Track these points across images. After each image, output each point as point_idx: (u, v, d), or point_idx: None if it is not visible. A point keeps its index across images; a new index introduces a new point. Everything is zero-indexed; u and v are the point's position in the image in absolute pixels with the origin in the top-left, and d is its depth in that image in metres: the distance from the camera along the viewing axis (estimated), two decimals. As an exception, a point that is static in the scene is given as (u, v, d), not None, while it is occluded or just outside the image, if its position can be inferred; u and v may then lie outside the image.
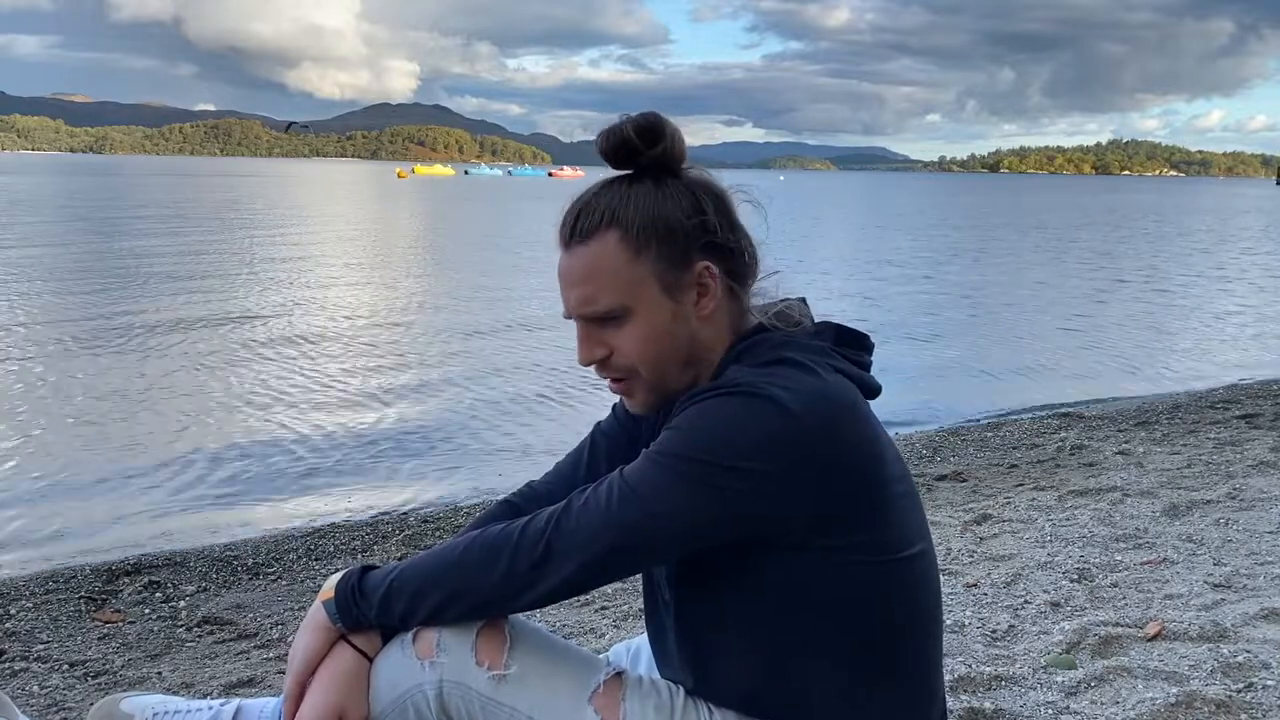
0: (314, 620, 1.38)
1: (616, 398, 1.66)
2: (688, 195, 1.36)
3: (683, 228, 1.34)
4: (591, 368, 1.41)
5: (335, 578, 1.39)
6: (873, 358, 1.44)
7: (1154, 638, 2.69)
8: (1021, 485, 4.98)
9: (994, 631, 2.83)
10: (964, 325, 12.55)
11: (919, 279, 17.85)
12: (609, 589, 3.43)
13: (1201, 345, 11.36)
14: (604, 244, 1.34)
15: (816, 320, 1.43)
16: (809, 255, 21.03)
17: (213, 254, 19.04)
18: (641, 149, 1.34)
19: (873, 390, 1.38)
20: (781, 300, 1.42)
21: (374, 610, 1.34)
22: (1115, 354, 10.60)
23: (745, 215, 1.42)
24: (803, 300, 1.43)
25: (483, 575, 1.30)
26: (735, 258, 1.38)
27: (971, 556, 3.60)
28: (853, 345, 1.41)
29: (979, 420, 7.23)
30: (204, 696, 2.52)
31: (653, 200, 1.34)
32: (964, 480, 5.27)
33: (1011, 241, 29.48)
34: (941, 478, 5.34)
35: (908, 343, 10.87)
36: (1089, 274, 19.46)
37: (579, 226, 1.36)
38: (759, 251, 1.42)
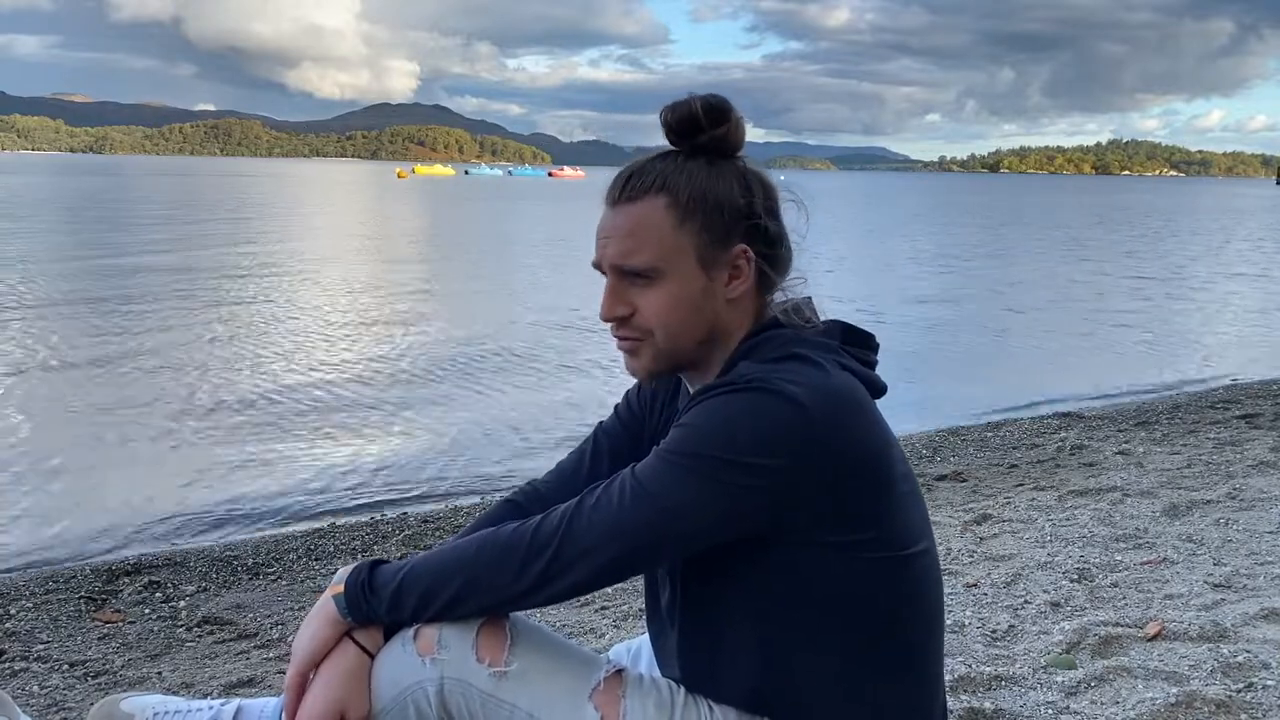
0: (323, 613, 1.38)
1: (619, 398, 1.66)
2: (739, 179, 1.38)
3: (729, 208, 1.37)
4: (609, 327, 1.43)
5: (345, 571, 1.39)
6: (878, 357, 1.45)
7: (1154, 638, 2.69)
8: (1021, 485, 4.98)
9: (994, 631, 2.83)
10: (1006, 322, 12.71)
11: (951, 278, 18.06)
12: (608, 589, 3.43)
13: (1238, 342, 11.48)
14: (651, 206, 1.36)
15: (822, 319, 1.44)
16: (832, 254, 21.18)
17: (215, 255, 19.05)
18: (705, 126, 1.37)
19: (879, 389, 1.39)
20: (789, 299, 1.43)
21: (384, 606, 1.35)
22: (1150, 352, 10.74)
23: (788, 215, 1.45)
24: (809, 299, 1.44)
25: (496, 574, 1.30)
26: (773, 248, 1.40)
27: (971, 556, 3.60)
28: (859, 344, 1.42)
29: (979, 420, 7.23)
30: (204, 696, 2.52)
31: (705, 176, 1.37)
32: (964, 480, 5.27)
33: (1032, 240, 29.64)
34: (941, 478, 5.34)
35: (931, 340, 10.89)
36: (1121, 272, 19.73)
37: (630, 186, 1.38)
38: (795, 251, 1.44)
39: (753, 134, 1.44)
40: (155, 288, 13.87)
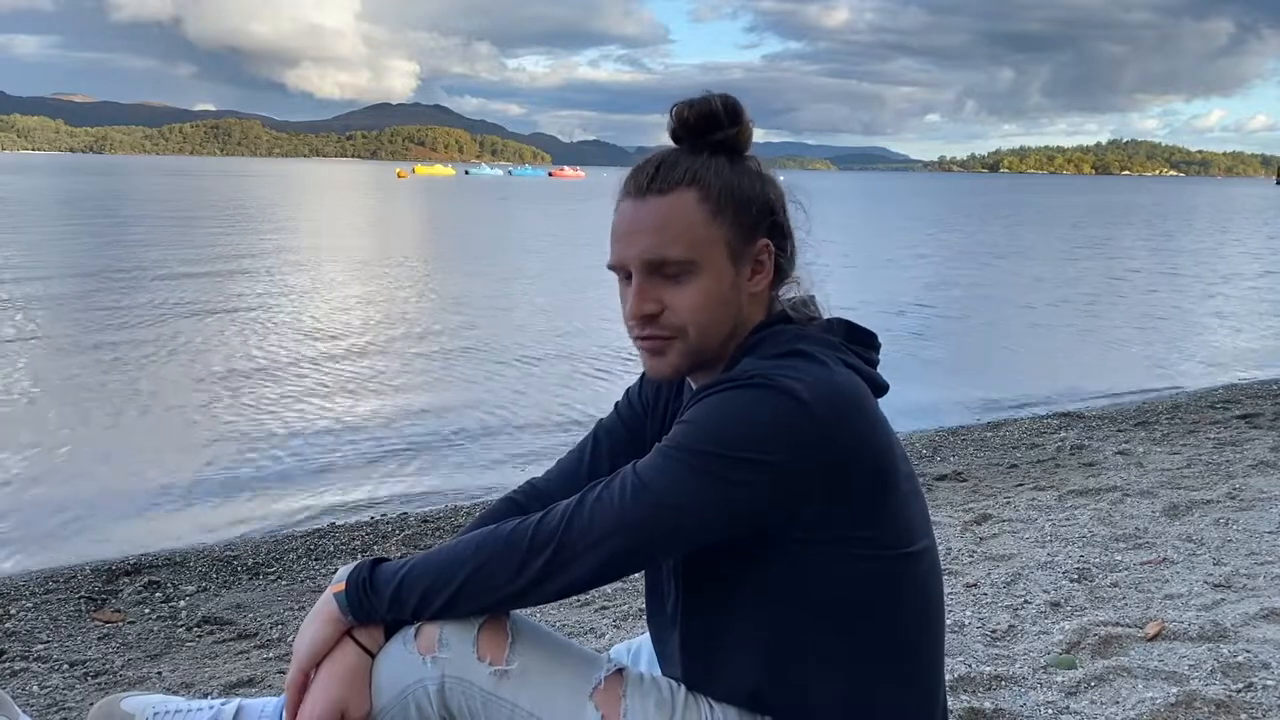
0: (324, 611, 1.38)
1: (620, 395, 1.66)
2: (757, 176, 1.40)
3: (756, 202, 1.38)
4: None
5: (346, 569, 1.39)
6: (880, 356, 1.45)
7: (1154, 638, 2.69)
8: (1021, 485, 4.98)
9: (994, 631, 2.83)
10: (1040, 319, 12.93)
11: (986, 273, 18.37)
12: (609, 589, 3.43)
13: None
14: (683, 198, 1.35)
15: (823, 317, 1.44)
16: (868, 251, 21.28)
17: (216, 254, 19.05)
18: (724, 123, 1.37)
19: (881, 388, 1.39)
20: (794, 296, 1.44)
21: (385, 604, 1.35)
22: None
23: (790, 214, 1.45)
24: (812, 297, 1.44)
25: (497, 572, 1.30)
26: (785, 244, 1.42)
27: (971, 556, 3.60)
28: (862, 342, 1.42)
29: (979, 420, 7.23)
30: (204, 696, 2.52)
31: (730, 171, 1.37)
32: (964, 480, 5.27)
33: (1054, 240, 29.74)
34: (941, 478, 5.34)
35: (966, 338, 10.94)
36: (1155, 269, 20.21)
37: (659, 177, 1.37)
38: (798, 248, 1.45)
39: (753, 134, 1.45)
40: (158, 287, 13.86)
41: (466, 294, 14.45)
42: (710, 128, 1.37)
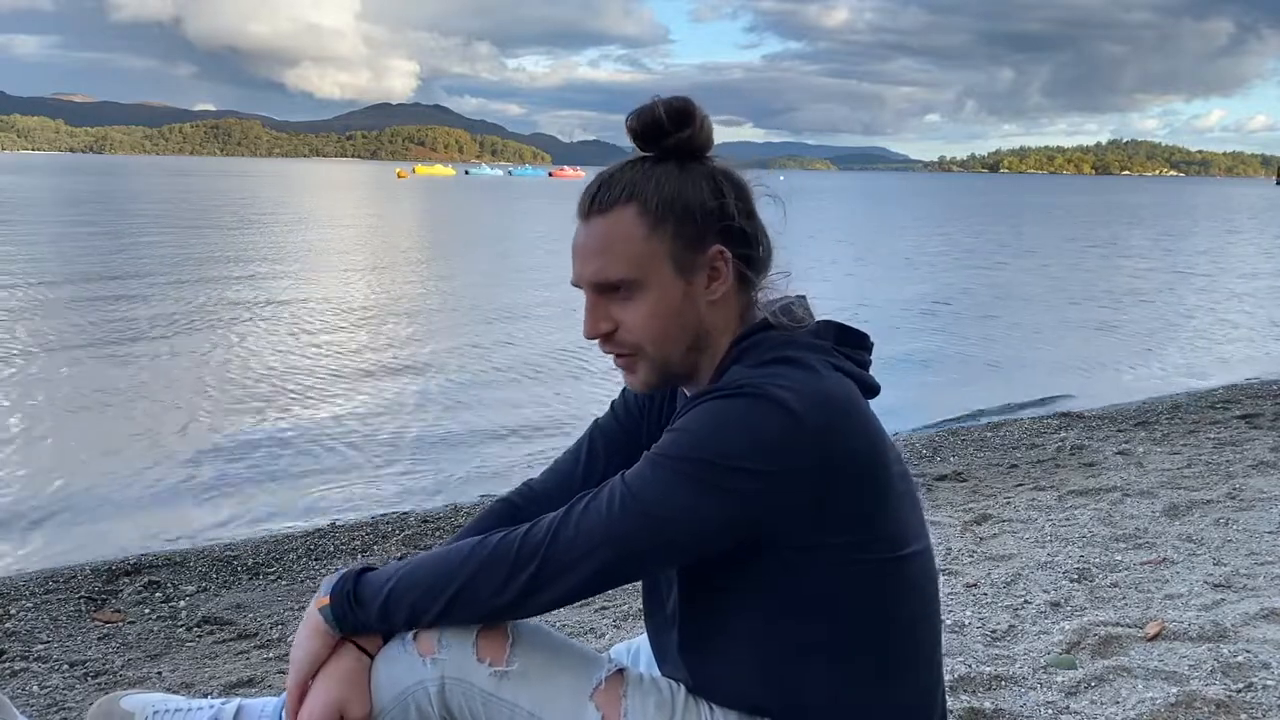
0: (312, 625, 1.37)
1: (617, 395, 1.66)
2: (709, 180, 1.37)
3: (701, 210, 1.36)
4: (595, 344, 1.42)
5: (330, 581, 1.38)
6: (872, 356, 1.44)
7: (1154, 638, 2.69)
8: (1021, 485, 4.98)
9: (994, 631, 2.83)
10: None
11: (1004, 274, 18.54)
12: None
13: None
14: (621, 216, 1.35)
15: (817, 318, 1.43)
16: (889, 251, 21.33)
17: (215, 254, 19.05)
18: (670, 130, 1.36)
19: (872, 389, 1.38)
20: (783, 298, 1.42)
21: (373, 618, 1.35)
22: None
23: (763, 211, 1.43)
24: (802, 298, 1.43)
25: (483, 587, 1.30)
26: (750, 247, 1.39)
27: (971, 556, 3.60)
28: (853, 344, 1.41)
29: (979, 420, 7.23)
30: (204, 696, 2.52)
31: (674, 180, 1.36)
32: (964, 480, 5.27)
33: (1059, 239, 29.80)
34: (941, 478, 5.33)
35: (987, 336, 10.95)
36: (1177, 268, 20.53)
37: (599, 198, 1.37)
38: (774, 246, 1.43)
39: (753, 134, 1.44)
40: (160, 286, 13.86)
41: (468, 296, 14.44)
42: (657, 134, 1.36)
